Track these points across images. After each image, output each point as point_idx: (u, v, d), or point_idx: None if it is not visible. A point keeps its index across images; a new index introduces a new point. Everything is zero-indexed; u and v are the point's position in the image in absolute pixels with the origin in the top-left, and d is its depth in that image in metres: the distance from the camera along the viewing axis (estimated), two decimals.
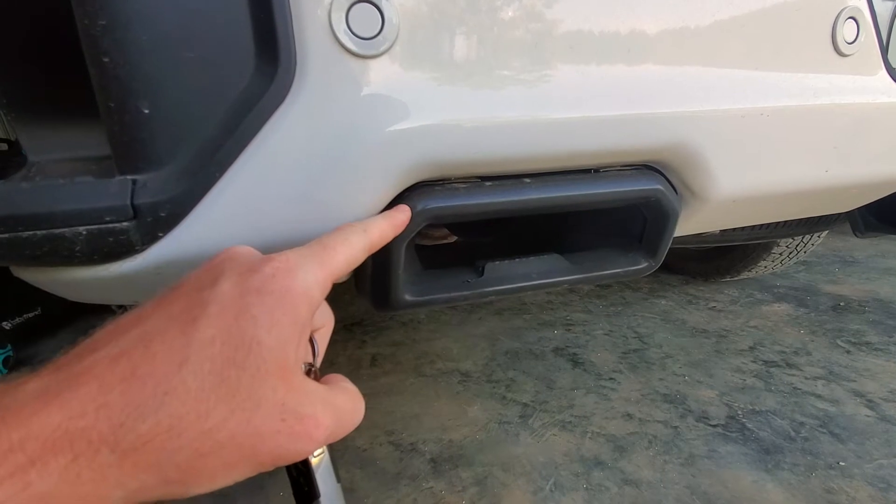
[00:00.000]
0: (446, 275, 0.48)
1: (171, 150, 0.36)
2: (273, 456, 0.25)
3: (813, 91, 0.48)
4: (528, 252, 0.53)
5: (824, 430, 1.18)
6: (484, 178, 0.43)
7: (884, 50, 0.52)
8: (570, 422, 1.24)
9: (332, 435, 0.27)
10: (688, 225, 0.55)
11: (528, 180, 0.44)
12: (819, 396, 1.31)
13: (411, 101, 0.37)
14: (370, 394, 1.40)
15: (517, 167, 0.43)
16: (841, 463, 1.07)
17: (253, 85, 0.35)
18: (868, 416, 1.22)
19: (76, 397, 0.22)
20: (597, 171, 0.47)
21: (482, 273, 0.48)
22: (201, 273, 0.28)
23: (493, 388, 1.40)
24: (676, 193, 0.50)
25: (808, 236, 1.75)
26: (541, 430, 1.22)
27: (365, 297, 0.46)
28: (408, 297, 0.45)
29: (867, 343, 1.58)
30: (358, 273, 0.47)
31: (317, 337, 0.34)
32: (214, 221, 0.36)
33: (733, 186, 0.49)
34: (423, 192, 0.41)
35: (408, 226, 0.41)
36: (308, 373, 0.31)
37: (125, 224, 0.35)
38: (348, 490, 1.07)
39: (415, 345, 1.69)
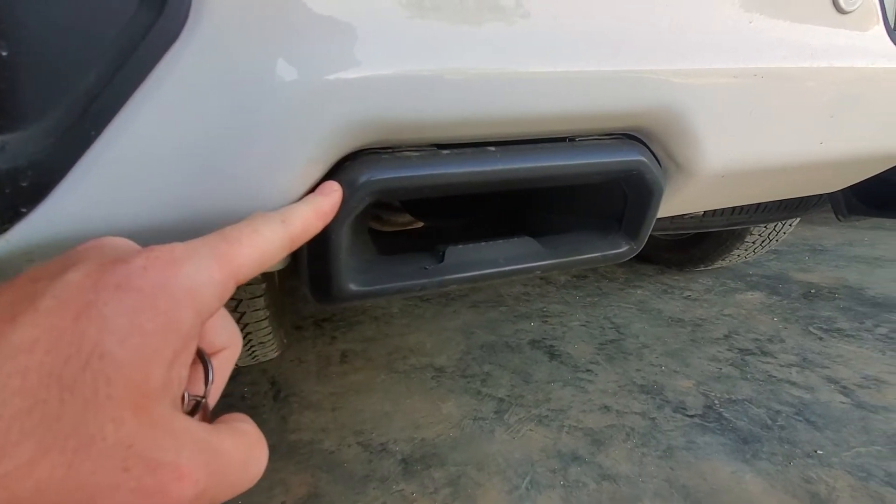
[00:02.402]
0: (400, 261, 0.42)
1: (35, 104, 0.28)
2: None
3: (811, 51, 0.44)
4: (498, 235, 0.47)
5: (800, 418, 1.17)
6: (441, 146, 0.37)
7: (884, 9, 0.47)
8: (547, 416, 1.20)
9: (204, 494, 0.20)
10: (671, 204, 0.50)
11: (492, 149, 0.38)
12: (794, 384, 1.31)
13: (352, 42, 0.30)
14: (339, 392, 1.34)
15: (480, 132, 0.37)
16: (818, 451, 1.06)
17: (137, 18, 0.27)
18: (843, 403, 1.22)
19: None
20: (572, 139, 0.41)
21: (442, 259, 0.42)
22: (51, 262, 0.21)
23: (468, 383, 1.35)
24: (660, 166, 0.44)
25: (779, 225, 1.75)
26: (517, 425, 1.17)
27: (303, 286, 0.39)
28: (353, 287, 0.38)
29: (838, 329, 1.59)
30: (296, 258, 0.40)
31: (216, 361, 0.26)
32: (92, 194, 0.28)
33: (722, 159, 0.44)
34: (367, 162, 0.35)
35: (350, 201, 0.34)
36: (194, 408, 0.24)
37: None
38: (312, 496, 1.00)
39: (387, 340, 1.62)
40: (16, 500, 0.16)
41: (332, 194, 0.32)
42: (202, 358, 0.25)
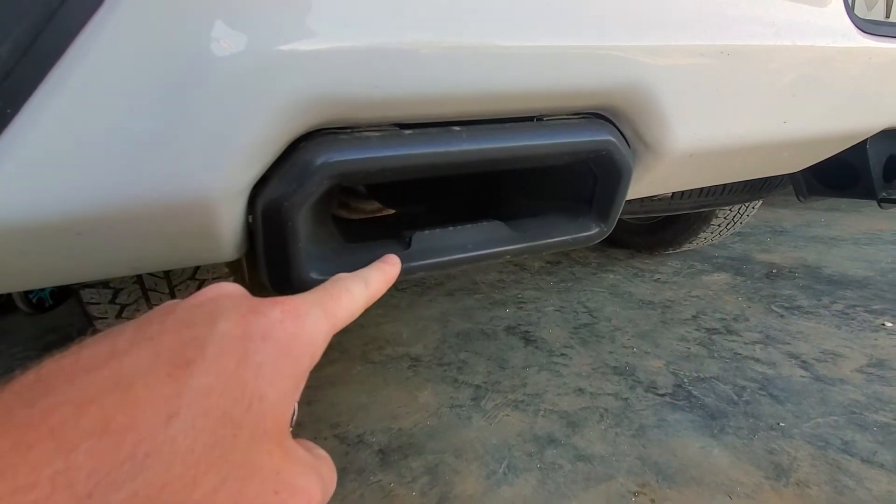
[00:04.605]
0: (365, 249, 0.40)
1: None
2: None
3: (774, 28, 0.44)
4: (468, 220, 0.46)
5: (764, 393, 1.21)
6: (403, 126, 0.35)
7: None
8: (523, 401, 1.21)
9: None
10: (640, 185, 0.50)
11: (457, 129, 0.36)
12: (758, 360, 1.35)
13: (305, 10, 0.28)
14: (314, 386, 1.31)
15: (444, 110, 0.35)
16: (781, 424, 1.10)
17: None
18: (803, 377, 1.27)
19: (24, 461, 0.17)
20: (540, 119, 0.40)
21: (409, 245, 0.40)
22: (190, 308, 0.24)
23: (445, 371, 1.35)
24: (629, 147, 0.44)
25: (743, 208, 1.81)
26: (493, 411, 1.18)
27: (260, 275, 0.37)
28: (314, 276, 0.36)
29: (798, 307, 1.65)
30: (253, 245, 0.38)
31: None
32: (11, 181, 0.25)
33: (690, 138, 0.44)
34: (324, 143, 0.33)
35: (306, 184, 0.32)
36: None
37: None
38: None
39: (362, 330, 1.60)
40: None
41: (394, 264, 0.36)
42: None
